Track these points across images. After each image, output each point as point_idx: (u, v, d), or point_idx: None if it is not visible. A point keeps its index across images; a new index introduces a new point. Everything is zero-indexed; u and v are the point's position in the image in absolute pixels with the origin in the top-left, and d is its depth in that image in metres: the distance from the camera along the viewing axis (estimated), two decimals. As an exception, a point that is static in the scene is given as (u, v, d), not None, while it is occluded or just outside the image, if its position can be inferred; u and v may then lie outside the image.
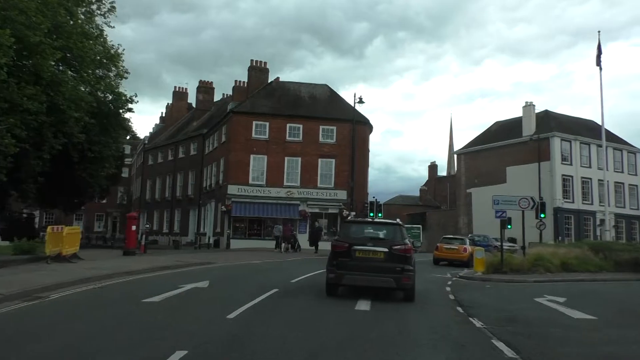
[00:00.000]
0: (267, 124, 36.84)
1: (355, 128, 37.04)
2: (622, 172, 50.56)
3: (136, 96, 26.67)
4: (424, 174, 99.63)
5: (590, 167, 48.34)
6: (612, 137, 51.70)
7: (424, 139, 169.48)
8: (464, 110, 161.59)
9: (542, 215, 38.35)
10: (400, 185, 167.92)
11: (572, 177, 47.04)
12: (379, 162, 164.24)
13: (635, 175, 51.29)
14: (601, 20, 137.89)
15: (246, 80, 41.27)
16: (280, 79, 41.76)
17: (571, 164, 47.29)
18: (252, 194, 35.89)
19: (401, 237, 10.67)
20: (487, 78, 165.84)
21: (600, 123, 39.96)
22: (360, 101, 36.25)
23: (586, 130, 49.60)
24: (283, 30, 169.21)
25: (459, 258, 27.43)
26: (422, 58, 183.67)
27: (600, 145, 49.70)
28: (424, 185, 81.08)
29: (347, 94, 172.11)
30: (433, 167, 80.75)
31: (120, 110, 27.16)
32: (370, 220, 17.40)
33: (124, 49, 25.74)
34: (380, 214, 34.59)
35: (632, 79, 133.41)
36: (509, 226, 44.01)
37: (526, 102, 50.36)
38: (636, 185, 51.50)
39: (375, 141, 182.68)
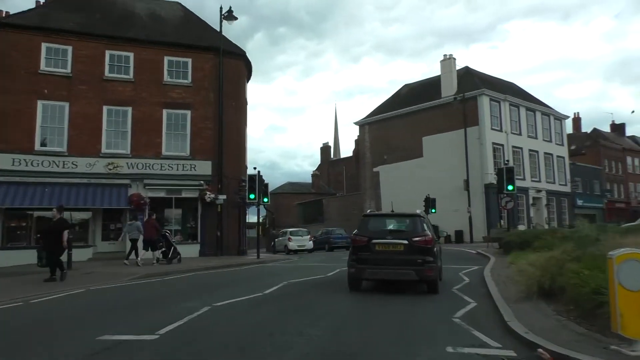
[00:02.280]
0: (70, 48, 21.60)
1: (222, 61, 23.31)
2: (551, 141, 42.80)
3: None
4: (308, 169, 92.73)
5: (520, 134, 39.61)
6: (538, 102, 43.64)
7: (307, 134, 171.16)
8: (344, 107, 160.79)
9: (433, 211, 30.65)
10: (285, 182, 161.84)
11: (502, 145, 37.82)
12: (264, 158, 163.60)
13: (562, 145, 43.93)
14: (465, 24, 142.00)
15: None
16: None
17: (501, 130, 38.07)
18: (41, 168, 20.65)
19: (422, 229, 10.19)
20: (365, 75, 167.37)
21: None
22: (230, 16, 22.61)
23: (512, 93, 40.93)
24: None
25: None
26: (303, 54, 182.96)
27: (530, 109, 41.44)
28: (316, 170, 69.47)
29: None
30: (326, 150, 69.36)
31: None
32: (390, 213, 12.86)
33: None
34: (266, 199, 21.72)
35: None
36: (433, 210, 33.37)
37: (445, 56, 40.32)
38: (563, 158, 44.17)
39: (259, 137, 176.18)
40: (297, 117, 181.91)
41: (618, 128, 59.68)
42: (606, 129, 59.85)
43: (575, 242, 12.34)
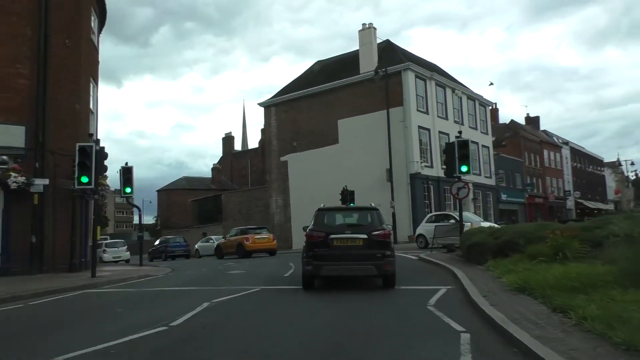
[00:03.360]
0: None
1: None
2: (476, 129, 38.78)
3: None
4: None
5: (447, 118, 34.96)
6: (463, 85, 39.43)
7: (216, 133, 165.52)
8: (254, 106, 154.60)
9: (352, 205, 25.46)
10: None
11: (429, 130, 32.85)
12: (170, 157, 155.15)
13: (487, 134, 40.14)
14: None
15: None
16: None
17: (427, 113, 33.09)
18: None
19: (379, 222, 9.83)
20: (275, 75, 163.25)
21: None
22: None
23: (437, 72, 36.26)
24: None
25: (270, 247, 25.96)
26: (211, 51, 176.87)
27: (456, 91, 36.95)
28: (217, 163, 61.56)
29: (131, 85, 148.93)
30: (229, 140, 61.58)
31: None
32: (346, 206, 14.62)
33: None
34: (128, 189, 14.30)
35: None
36: (352, 205, 27.44)
37: (364, 25, 34.58)
38: (488, 148, 40.43)
39: (165, 135, 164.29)
40: (206, 115, 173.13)
41: (533, 121, 58.27)
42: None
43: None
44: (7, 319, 8.13)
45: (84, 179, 12.83)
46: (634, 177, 66.83)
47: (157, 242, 36.53)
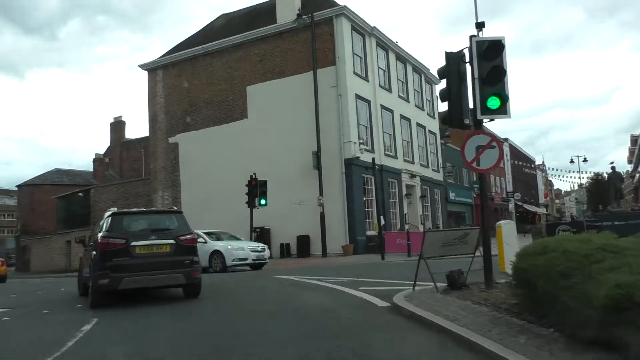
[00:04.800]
0: None
1: None
2: (423, 109, 31.22)
3: None
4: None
5: (390, 90, 26.95)
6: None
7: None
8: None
9: (262, 202, 20.13)
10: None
11: (369, 103, 24.58)
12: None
13: (434, 118, 32.69)
14: None
15: None
16: None
17: (367, 79, 24.84)
18: None
19: (186, 225, 9.02)
20: None
21: None
22: None
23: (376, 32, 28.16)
24: None
25: None
26: (127, 48, 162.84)
27: (401, 59, 29.08)
28: (103, 154, 49.92)
29: (36, 77, 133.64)
30: (118, 125, 49.98)
31: None
32: (146, 210, 12.53)
33: None
34: None
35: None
36: (263, 201, 18.18)
37: (283, -40, 25.68)
38: (435, 135, 33.04)
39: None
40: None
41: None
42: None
43: None
44: None
45: None
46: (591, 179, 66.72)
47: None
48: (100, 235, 8.39)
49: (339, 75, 22.53)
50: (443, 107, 7.98)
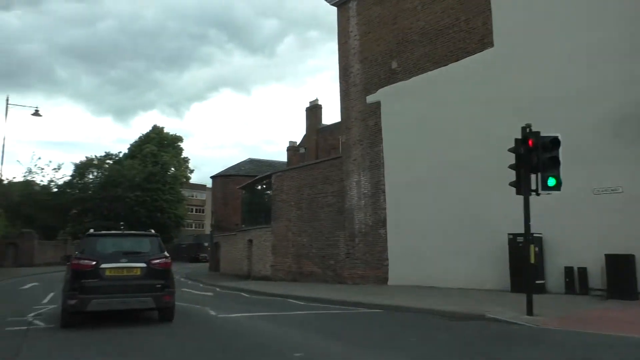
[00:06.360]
0: None
1: None
2: None
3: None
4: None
5: None
6: None
7: None
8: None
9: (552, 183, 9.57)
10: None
11: None
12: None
13: None
14: None
15: None
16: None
17: None
18: None
19: (159, 249, 9.27)
20: None
21: None
22: None
23: None
24: (187, 23, 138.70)
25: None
26: (334, 59, 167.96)
27: None
28: (298, 144, 44.79)
29: (259, 94, 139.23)
30: (314, 111, 43.95)
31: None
32: (122, 232, 13.98)
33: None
34: None
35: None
36: (552, 181, 4.68)
37: None
38: None
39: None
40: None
41: None
42: None
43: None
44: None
45: None
46: None
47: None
48: (74, 256, 8.84)
49: None
50: None
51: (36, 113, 28.19)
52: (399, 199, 16.83)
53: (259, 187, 27.97)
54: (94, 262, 8.50)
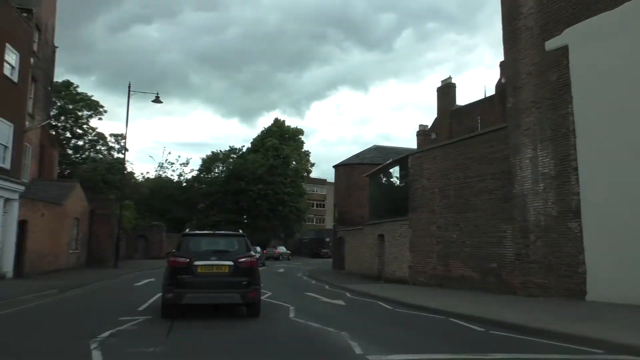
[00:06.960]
0: None
1: None
2: None
3: None
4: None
5: None
6: None
7: None
8: None
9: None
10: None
11: None
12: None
13: None
14: None
15: None
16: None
17: None
18: None
19: (246, 249, 9.83)
20: None
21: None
22: None
23: None
24: (306, 24, 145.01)
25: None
26: (454, 50, 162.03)
27: None
28: (428, 128, 40.02)
29: (377, 91, 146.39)
30: (446, 90, 38.74)
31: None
32: (213, 232, 12.86)
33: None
34: None
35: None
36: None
37: None
38: None
39: (407, 138, 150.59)
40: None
41: None
42: None
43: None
44: None
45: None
46: None
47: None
48: (171, 253, 9.64)
49: None
50: None
51: (157, 99, 27.22)
52: (602, 179, 11.77)
53: (390, 173, 23.92)
54: (188, 260, 9.12)
